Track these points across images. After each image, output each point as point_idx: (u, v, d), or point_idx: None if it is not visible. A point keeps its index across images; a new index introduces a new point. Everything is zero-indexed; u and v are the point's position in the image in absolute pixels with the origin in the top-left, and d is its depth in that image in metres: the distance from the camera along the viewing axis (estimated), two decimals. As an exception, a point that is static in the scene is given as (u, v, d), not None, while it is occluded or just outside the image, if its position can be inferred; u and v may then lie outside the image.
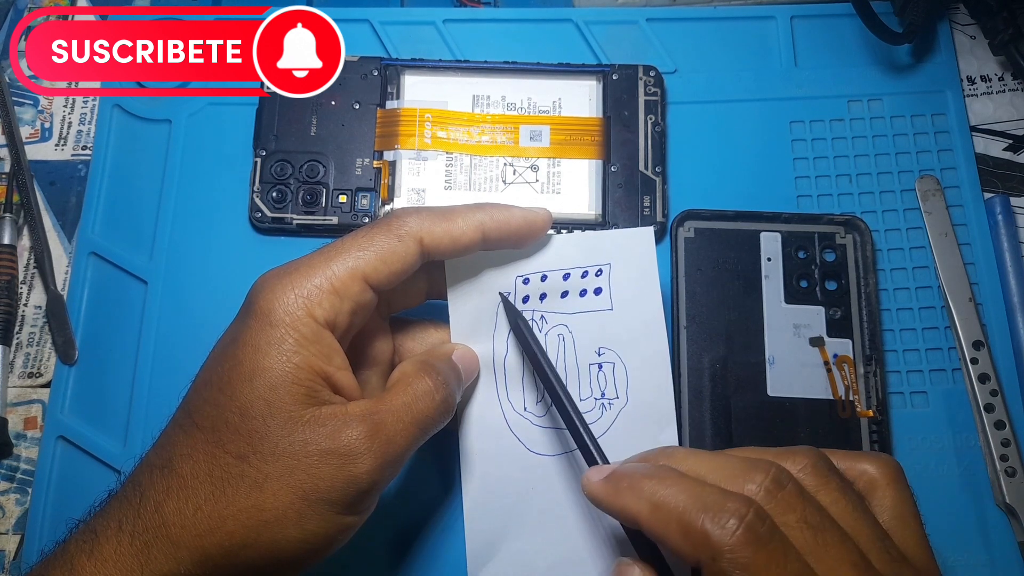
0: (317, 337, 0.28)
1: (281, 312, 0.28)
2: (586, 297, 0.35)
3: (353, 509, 0.28)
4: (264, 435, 0.27)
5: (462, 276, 0.34)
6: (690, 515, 0.24)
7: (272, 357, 0.27)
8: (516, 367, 0.35)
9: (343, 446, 0.27)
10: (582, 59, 0.44)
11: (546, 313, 0.35)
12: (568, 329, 0.35)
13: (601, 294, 0.35)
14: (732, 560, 0.23)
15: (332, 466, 0.27)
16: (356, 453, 0.27)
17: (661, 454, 0.29)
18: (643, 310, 0.35)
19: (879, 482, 0.27)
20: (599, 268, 0.35)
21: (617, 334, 0.35)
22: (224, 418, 0.27)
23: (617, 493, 0.27)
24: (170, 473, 0.27)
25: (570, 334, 0.35)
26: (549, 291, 0.35)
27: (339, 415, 0.28)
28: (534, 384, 0.35)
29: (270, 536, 0.26)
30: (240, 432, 0.27)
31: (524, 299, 0.35)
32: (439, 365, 0.31)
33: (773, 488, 0.25)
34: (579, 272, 0.35)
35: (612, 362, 0.35)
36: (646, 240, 0.35)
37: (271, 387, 0.27)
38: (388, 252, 0.30)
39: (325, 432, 0.27)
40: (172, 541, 0.26)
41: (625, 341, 0.35)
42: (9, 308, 0.41)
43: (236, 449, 0.27)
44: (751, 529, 0.24)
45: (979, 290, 0.41)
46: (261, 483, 0.26)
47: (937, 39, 0.46)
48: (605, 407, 0.35)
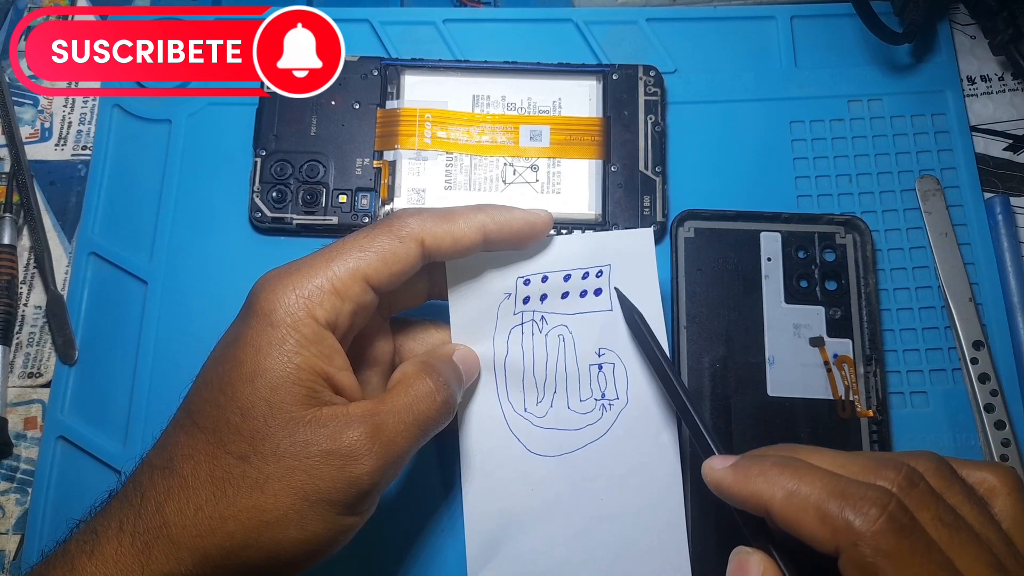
0: (318, 338, 0.28)
1: (282, 313, 0.28)
2: (586, 298, 0.35)
3: (354, 510, 0.28)
4: (265, 435, 0.27)
5: (463, 277, 0.34)
6: (829, 502, 0.25)
7: (273, 358, 0.27)
8: (517, 368, 0.35)
9: (344, 447, 0.27)
10: (582, 59, 0.44)
11: (547, 314, 0.35)
12: (568, 330, 0.35)
13: (601, 295, 0.35)
14: (875, 547, 0.24)
15: (333, 467, 0.27)
16: (357, 454, 0.27)
17: (784, 448, 0.29)
18: (643, 310, 0.35)
19: (1000, 490, 0.27)
20: (599, 269, 0.35)
21: (617, 335, 0.35)
22: (225, 418, 0.27)
23: (747, 480, 0.27)
24: (171, 473, 0.27)
25: (570, 335, 0.35)
26: (550, 292, 0.35)
27: (340, 416, 0.28)
28: (534, 385, 0.35)
29: (271, 537, 0.26)
30: (241, 432, 0.27)
31: (525, 300, 0.35)
32: (440, 366, 0.31)
33: (906, 485, 0.25)
34: (579, 273, 0.35)
35: (612, 363, 0.35)
36: (646, 241, 0.35)
37: (272, 388, 0.27)
38: (389, 253, 0.30)
39: (326, 433, 0.27)
40: (173, 541, 0.26)
41: (625, 342, 0.35)
42: (9, 308, 0.41)
43: (237, 449, 0.27)
44: (894, 518, 0.24)
45: (979, 290, 0.41)
46: (262, 484, 0.26)
47: (937, 39, 0.46)
48: (605, 408, 0.35)
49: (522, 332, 0.35)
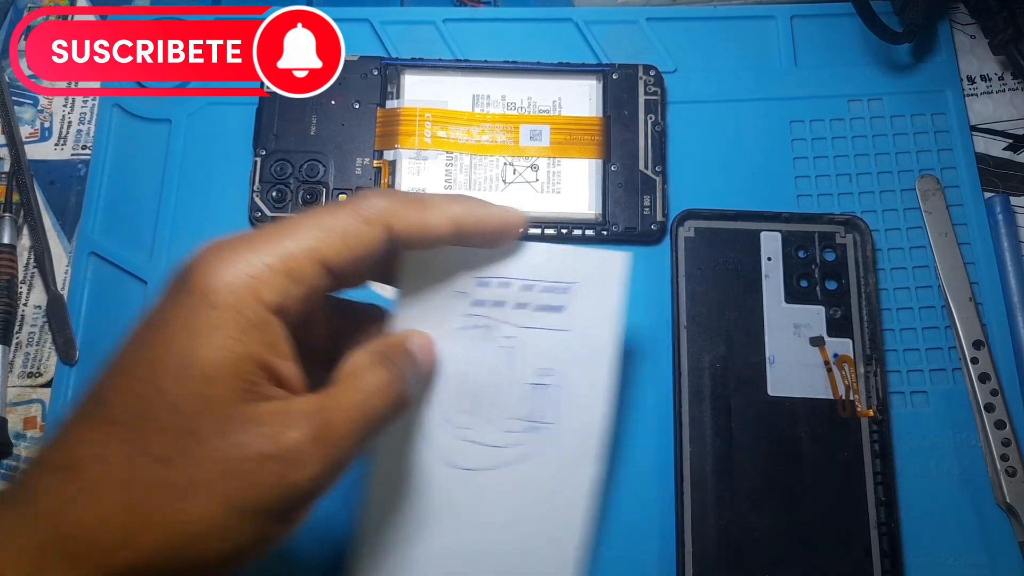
0: (263, 323, 0.24)
1: (224, 292, 0.24)
2: (544, 313, 0.32)
3: (288, 518, 0.24)
4: (195, 435, 0.23)
5: (418, 267, 0.31)
6: None
7: (210, 345, 0.24)
8: (452, 372, 0.32)
9: (285, 450, 0.24)
10: (582, 59, 0.44)
11: (498, 322, 0.32)
12: (517, 342, 0.32)
13: (560, 313, 0.32)
14: None
15: (271, 472, 0.23)
16: (299, 458, 0.24)
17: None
18: (600, 338, 0.32)
19: None
20: (565, 285, 0.32)
21: (566, 357, 0.32)
22: (147, 413, 0.23)
23: None
24: (73, 476, 0.23)
25: (518, 347, 0.32)
26: (507, 299, 0.32)
27: (282, 413, 0.24)
28: (466, 393, 0.32)
29: (191, 551, 0.23)
30: (166, 431, 0.23)
31: (478, 303, 0.32)
32: (396, 356, 0.28)
33: None
34: (542, 285, 0.32)
35: (554, 385, 0.32)
36: (621, 265, 0.32)
37: (207, 380, 0.23)
38: (352, 235, 0.26)
39: (265, 433, 0.24)
40: (72, 558, 0.22)
41: (573, 366, 0.32)
42: (9, 308, 0.41)
43: (159, 451, 0.23)
44: None
45: (979, 290, 0.41)
46: (186, 491, 0.23)
47: (937, 39, 0.46)
48: (535, 430, 0.32)
49: (467, 336, 0.32)
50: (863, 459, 0.37)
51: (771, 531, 0.36)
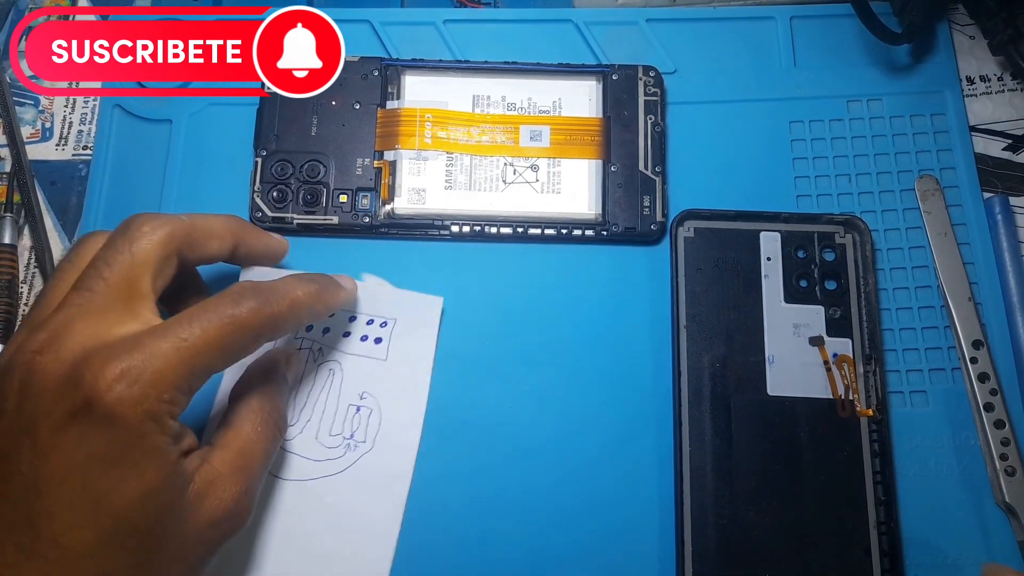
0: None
1: (133, 410, 0.26)
2: (366, 343, 0.38)
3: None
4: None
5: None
6: None
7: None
8: None
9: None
10: (582, 59, 0.44)
11: (324, 347, 0.38)
12: (340, 366, 0.37)
13: (380, 344, 0.38)
14: None
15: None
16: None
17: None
18: (414, 369, 0.37)
19: None
20: (384, 320, 0.38)
21: (383, 385, 0.37)
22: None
23: None
24: None
25: (341, 371, 0.37)
26: (333, 327, 0.38)
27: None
28: (292, 406, 0.36)
29: None
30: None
31: (308, 328, 0.38)
32: (273, 392, 0.32)
33: None
34: (365, 319, 0.38)
35: (370, 408, 0.37)
36: (434, 308, 0.38)
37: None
38: (203, 229, 0.32)
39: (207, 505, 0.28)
40: None
41: (388, 393, 0.37)
42: (9, 308, 0.41)
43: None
44: None
45: (978, 289, 0.41)
46: None
47: (936, 39, 0.46)
48: (351, 447, 0.36)
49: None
50: (862, 459, 0.37)
51: (771, 530, 0.36)
